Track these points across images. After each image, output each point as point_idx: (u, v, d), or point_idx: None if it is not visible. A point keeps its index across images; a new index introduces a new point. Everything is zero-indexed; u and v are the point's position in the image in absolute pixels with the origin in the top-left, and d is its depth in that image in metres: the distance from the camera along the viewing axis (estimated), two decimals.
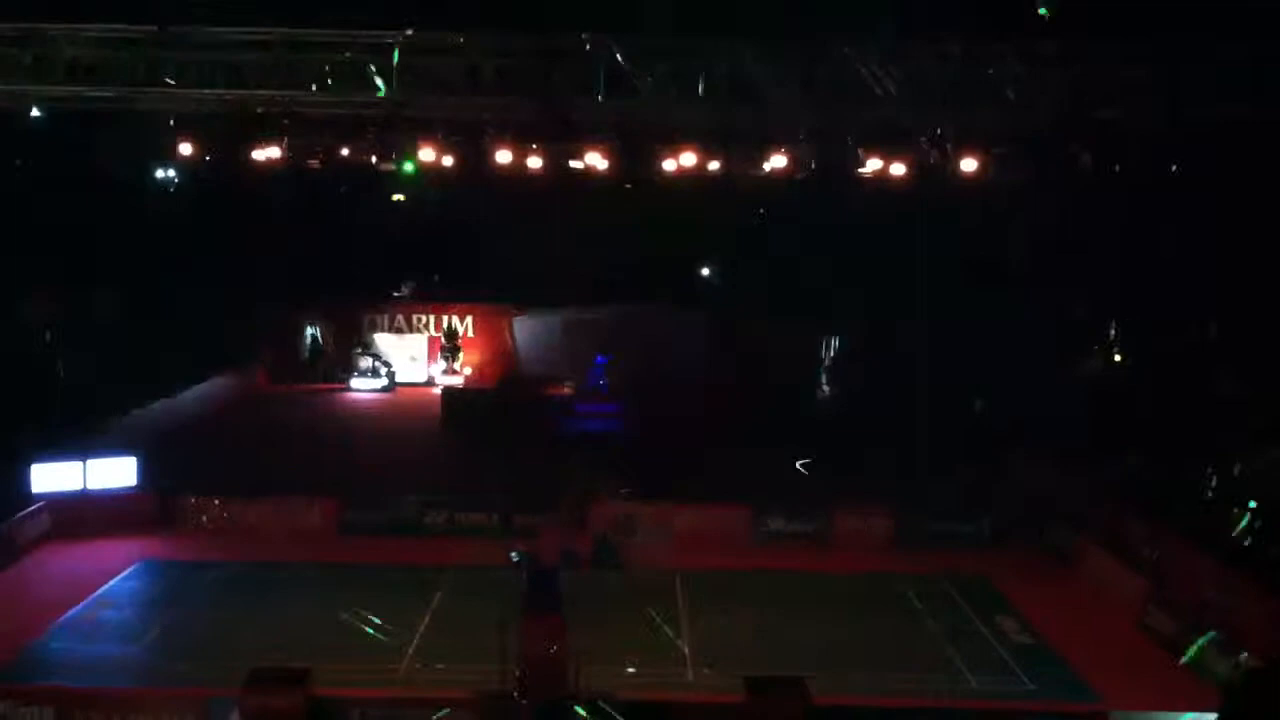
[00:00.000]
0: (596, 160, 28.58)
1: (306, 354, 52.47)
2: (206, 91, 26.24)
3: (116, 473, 32.66)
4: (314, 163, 29.78)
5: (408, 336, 53.16)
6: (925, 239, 45.62)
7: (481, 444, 39.59)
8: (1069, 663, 24.79)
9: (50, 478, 31.77)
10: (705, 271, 56.37)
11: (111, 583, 28.48)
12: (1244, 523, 28.12)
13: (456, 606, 27.14)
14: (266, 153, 28.78)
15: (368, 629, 25.71)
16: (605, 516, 32.20)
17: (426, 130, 28.34)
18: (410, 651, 24.62)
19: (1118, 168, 29.47)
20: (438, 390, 48.38)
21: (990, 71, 25.84)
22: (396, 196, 52.19)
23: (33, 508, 30.96)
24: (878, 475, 35.00)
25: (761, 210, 51.13)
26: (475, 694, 21.43)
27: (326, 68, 25.92)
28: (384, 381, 51.03)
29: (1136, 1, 27.29)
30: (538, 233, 50.68)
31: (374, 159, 29.26)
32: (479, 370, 52.60)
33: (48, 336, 41.81)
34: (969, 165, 27.54)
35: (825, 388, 49.10)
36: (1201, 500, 29.96)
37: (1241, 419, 32.85)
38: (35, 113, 27.37)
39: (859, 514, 33.04)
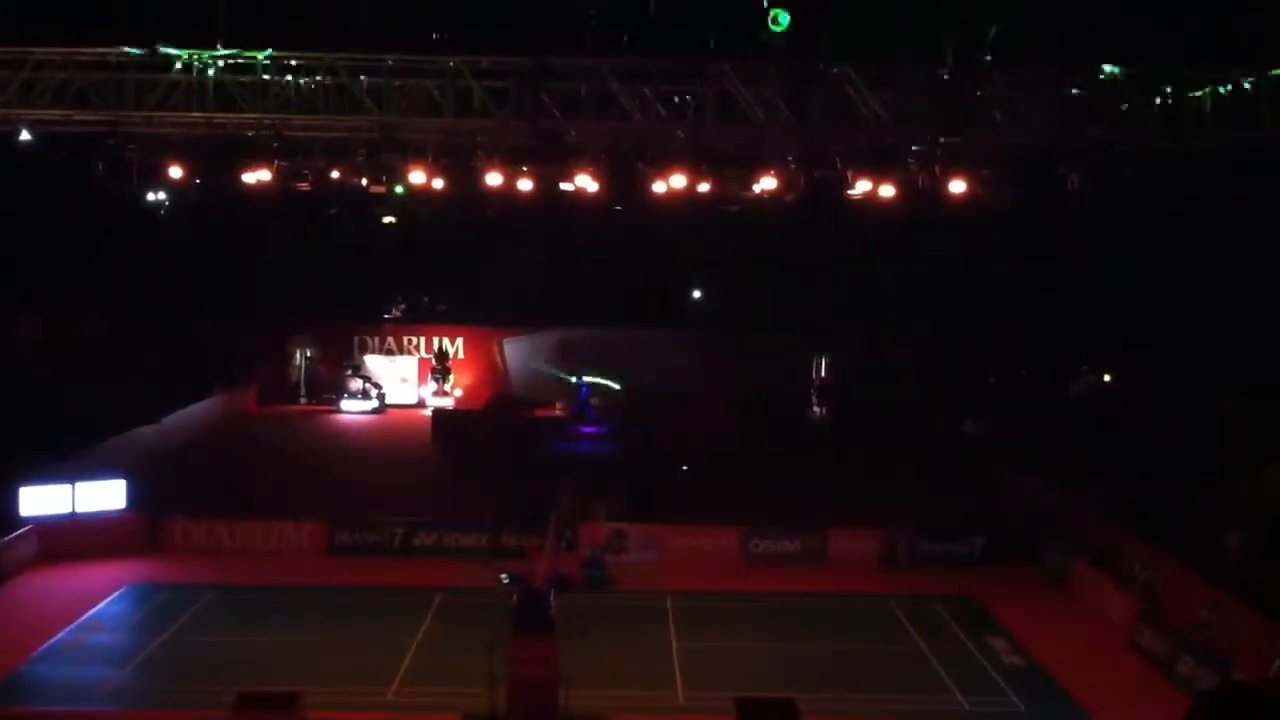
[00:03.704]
0: (586, 182, 28.61)
1: (297, 375, 52.36)
2: (196, 114, 26.29)
3: (105, 496, 32.55)
4: (304, 185, 29.77)
5: (398, 358, 53.03)
6: (917, 259, 45.85)
7: (472, 466, 39.51)
8: (1060, 683, 24.74)
9: (39, 501, 31.65)
10: (696, 294, 56.38)
11: (99, 606, 28.34)
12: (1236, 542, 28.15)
13: (445, 629, 27.06)
14: (256, 175, 28.79)
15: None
16: (595, 537, 32.14)
17: (417, 152, 28.36)
18: (399, 674, 24.52)
19: (1109, 188, 29.58)
20: (428, 412, 48.29)
21: (979, 94, 25.97)
22: (387, 218, 52.19)
23: (21, 531, 30.83)
24: (869, 495, 34.96)
25: None
26: (462, 717, 21.36)
27: (316, 91, 25.99)
28: (374, 403, 50.92)
29: (1124, 25, 27.47)
30: (528, 254, 50.73)
31: (364, 181, 29.27)
32: (470, 392, 52.52)
33: (36, 358, 41.72)
34: (958, 187, 27.60)
35: (816, 408, 49.08)
36: (1195, 520, 29.96)
37: (1236, 439, 32.92)
38: (25, 135, 27.40)
39: (850, 534, 33.00)
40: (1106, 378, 43.30)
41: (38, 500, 31.64)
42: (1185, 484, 31.63)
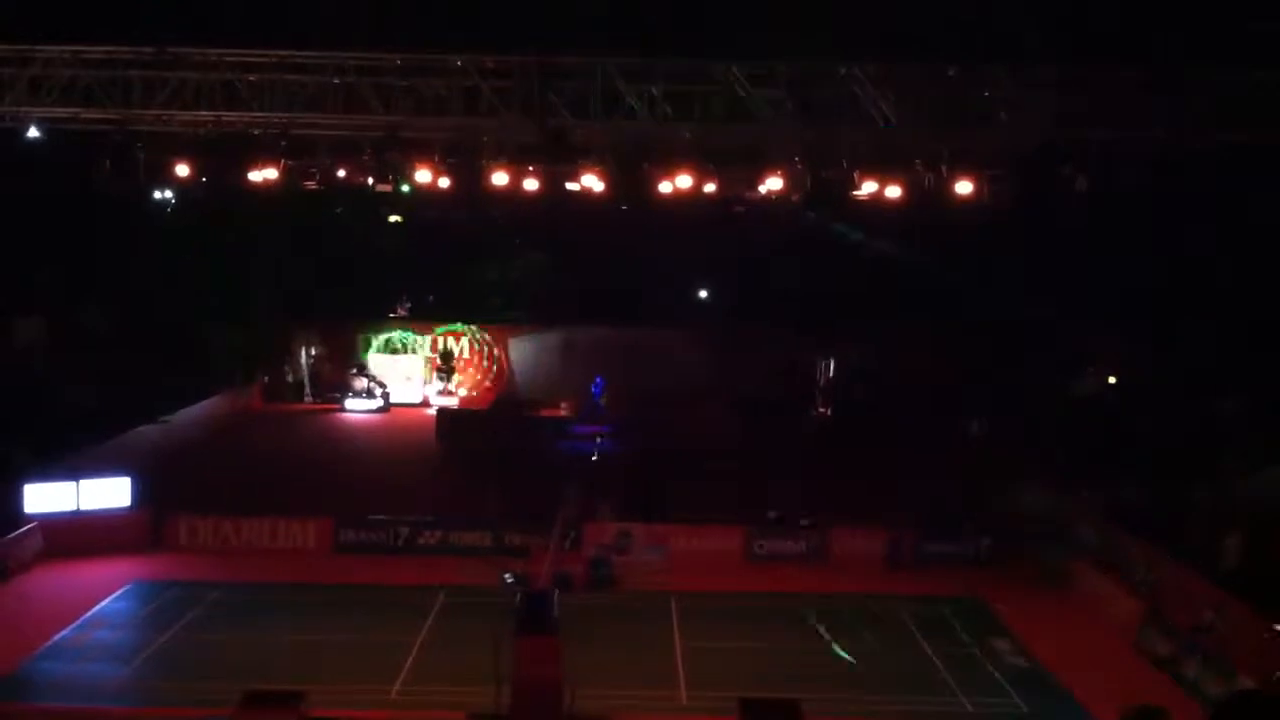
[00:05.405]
0: (593, 182, 28.62)
1: (302, 374, 52.44)
2: (204, 113, 26.33)
3: (110, 493, 32.61)
4: (311, 184, 29.76)
5: (403, 357, 53.13)
6: (921, 260, 45.87)
7: (476, 465, 39.56)
8: (1063, 685, 24.76)
9: (44, 498, 31.72)
10: (702, 294, 56.41)
11: (104, 603, 28.41)
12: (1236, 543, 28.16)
13: (450, 627, 27.10)
14: (263, 174, 28.80)
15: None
16: (601, 537, 32.18)
17: (423, 151, 28.36)
18: (403, 672, 24.57)
19: (1109, 188, 29.58)
20: (433, 411, 48.32)
21: (985, 94, 25.96)
22: (393, 217, 52.28)
23: (26, 528, 30.90)
24: (873, 496, 34.95)
25: None
26: (467, 716, 21.41)
27: (323, 89, 26.01)
28: (379, 402, 50.99)
29: (1127, 24, 27.52)
30: (533, 254, 50.82)
31: (370, 180, 29.26)
32: (474, 391, 52.59)
33: (37, 357, 41.79)
34: (964, 187, 27.59)
35: (821, 408, 49.12)
36: (1195, 520, 29.97)
37: (1236, 439, 32.94)
38: (33, 133, 27.42)
39: (854, 535, 33.01)
40: (1111, 380, 43.29)
41: (43, 497, 31.72)
42: (1185, 484, 31.64)
